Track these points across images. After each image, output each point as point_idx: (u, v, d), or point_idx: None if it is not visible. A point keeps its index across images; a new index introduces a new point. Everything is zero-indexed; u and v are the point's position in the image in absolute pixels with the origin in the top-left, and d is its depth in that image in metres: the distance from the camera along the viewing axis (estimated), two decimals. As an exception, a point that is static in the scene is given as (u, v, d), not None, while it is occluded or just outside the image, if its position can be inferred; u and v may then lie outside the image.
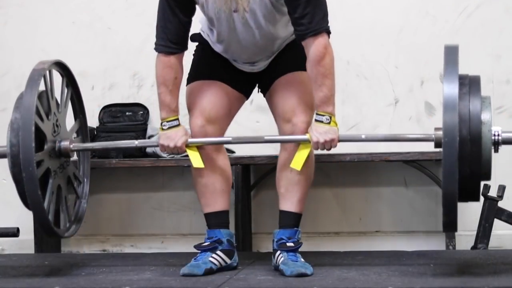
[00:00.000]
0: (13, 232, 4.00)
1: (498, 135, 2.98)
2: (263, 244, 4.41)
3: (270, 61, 3.41)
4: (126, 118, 4.54)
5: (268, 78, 3.42)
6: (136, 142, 3.53)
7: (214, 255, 3.31)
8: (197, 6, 3.28)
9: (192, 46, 3.43)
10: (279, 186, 3.38)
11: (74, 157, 3.48)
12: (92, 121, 4.52)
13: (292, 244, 3.29)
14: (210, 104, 3.35)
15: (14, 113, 3.20)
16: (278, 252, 3.29)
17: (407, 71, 4.43)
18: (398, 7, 4.45)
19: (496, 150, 3.00)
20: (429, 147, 4.29)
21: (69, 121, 3.48)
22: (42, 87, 3.21)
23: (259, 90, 3.50)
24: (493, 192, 4.00)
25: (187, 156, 4.27)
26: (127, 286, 3.03)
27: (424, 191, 4.39)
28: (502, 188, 3.99)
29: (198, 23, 3.42)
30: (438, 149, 4.14)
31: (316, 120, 3.23)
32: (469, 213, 4.29)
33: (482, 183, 4.03)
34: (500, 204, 4.01)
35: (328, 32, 3.19)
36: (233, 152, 4.32)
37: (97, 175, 4.54)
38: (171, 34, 3.26)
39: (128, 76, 4.63)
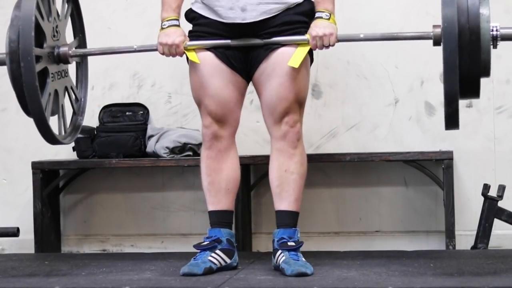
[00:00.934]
0: (13, 232, 4.01)
1: (497, 30, 2.97)
2: (263, 244, 4.41)
3: (263, 19, 3.30)
4: (126, 118, 4.54)
5: (261, 56, 3.32)
6: (134, 46, 3.47)
7: (213, 254, 3.31)
8: None
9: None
10: (273, 186, 3.37)
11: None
12: (92, 121, 4.52)
13: (293, 244, 3.29)
14: (215, 102, 3.33)
15: (14, 12, 3.14)
16: (279, 251, 3.29)
17: (407, 71, 4.43)
18: (398, 7, 4.45)
19: (495, 46, 2.99)
20: (429, 147, 4.30)
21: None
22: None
23: (249, 71, 3.39)
24: (493, 192, 4.00)
25: (187, 156, 4.30)
26: (127, 286, 3.03)
27: (424, 191, 4.39)
28: (502, 188, 3.99)
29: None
30: (438, 149, 4.18)
31: (316, 17, 3.25)
32: (469, 213, 4.29)
33: (483, 181, 4.06)
34: (500, 204, 4.01)
35: None
36: (233, 152, 4.32)
37: (97, 175, 4.54)
38: None
39: (128, 76, 4.62)
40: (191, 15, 3.41)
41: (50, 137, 3.20)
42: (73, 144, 4.24)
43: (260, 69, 3.33)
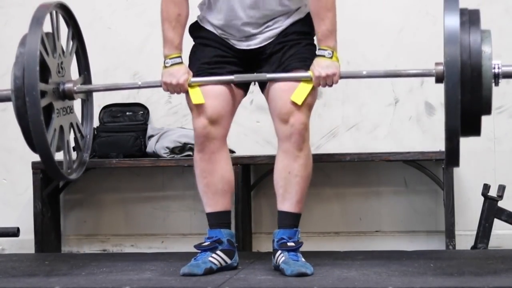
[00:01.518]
0: (14, 232, 4.01)
1: (499, 67, 2.99)
2: (263, 244, 4.41)
3: (267, 44, 3.36)
4: (126, 118, 4.54)
5: (266, 71, 3.38)
6: (139, 83, 3.49)
7: (214, 255, 3.31)
8: None
9: (189, 43, 3.43)
10: (277, 187, 3.37)
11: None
12: (92, 121, 4.52)
13: (293, 244, 3.29)
14: (211, 105, 3.34)
15: (18, 49, 3.16)
16: (279, 251, 3.29)
17: (407, 71, 4.43)
18: (398, 7, 4.45)
19: (497, 83, 3.00)
20: (429, 147, 4.30)
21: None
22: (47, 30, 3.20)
23: (259, 84, 3.46)
24: (493, 192, 4.00)
25: (187, 156, 4.30)
26: (127, 286, 3.04)
27: (424, 191, 4.39)
28: (502, 188, 3.99)
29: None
30: (438, 149, 4.18)
31: (318, 55, 3.23)
32: (469, 213, 4.29)
33: (483, 181, 4.06)
34: (500, 204, 4.01)
35: None
36: (233, 152, 4.32)
37: (97, 175, 4.54)
38: None
39: (128, 76, 4.62)
40: (195, 28, 3.45)
41: (56, 173, 3.20)
42: (73, 144, 4.24)
43: (268, 88, 3.39)
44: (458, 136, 2.89)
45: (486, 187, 3.99)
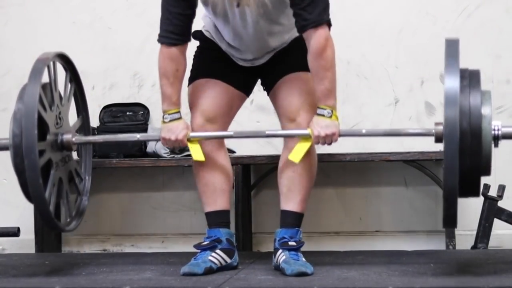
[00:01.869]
0: (14, 232, 4.01)
1: (498, 129, 2.99)
2: (263, 244, 4.41)
3: (271, 57, 3.40)
4: (126, 118, 4.54)
5: (272, 76, 3.41)
6: (138, 136, 3.51)
7: (213, 254, 3.31)
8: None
9: (193, 46, 3.43)
10: (281, 186, 3.37)
11: (76, 157, 3.48)
12: (93, 121, 4.49)
13: (294, 243, 3.29)
14: (210, 103, 3.35)
15: (17, 104, 3.18)
16: (280, 251, 3.29)
17: (407, 71, 4.44)
18: (398, 7, 4.46)
19: (496, 145, 3.01)
20: (429, 147, 4.30)
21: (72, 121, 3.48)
22: (45, 79, 3.19)
23: (264, 88, 3.50)
24: (493, 192, 4.00)
25: (187, 156, 4.30)
26: (128, 286, 3.03)
27: (424, 191, 4.39)
28: (502, 188, 3.99)
29: (200, 21, 3.43)
30: (438, 149, 4.18)
31: (317, 114, 3.22)
32: (469, 213, 4.29)
33: (483, 181, 4.06)
34: (500, 204, 4.01)
35: (329, 24, 3.18)
36: (233, 152, 4.33)
37: (97, 175, 4.54)
38: (173, 25, 3.24)
39: (129, 76, 4.63)
40: (199, 37, 3.46)
41: (54, 227, 3.24)
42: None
43: (273, 89, 3.42)
44: (456, 203, 2.89)
45: (486, 187, 3.99)
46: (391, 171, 4.41)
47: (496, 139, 2.99)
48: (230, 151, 4.30)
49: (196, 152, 3.29)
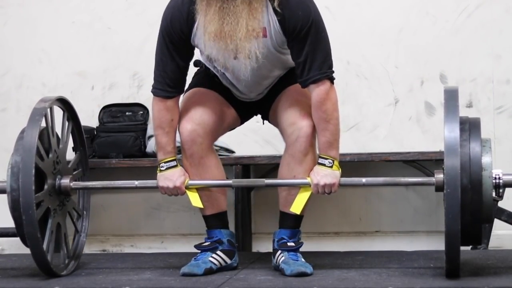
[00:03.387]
0: (13, 232, 3.99)
1: (499, 178, 3.00)
2: (263, 244, 4.41)
3: (268, 91, 3.42)
4: (126, 118, 4.54)
5: (267, 104, 3.43)
6: (136, 183, 3.49)
7: (214, 255, 3.31)
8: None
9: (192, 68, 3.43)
10: (281, 189, 3.36)
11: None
12: (92, 121, 4.52)
13: (293, 244, 3.29)
14: (200, 109, 3.32)
15: (14, 155, 3.21)
16: (279, 251, 3.29)
17: (407, 71, 4.43)
18: (398, 7, 4.45)
19: (497, 194, 3.02)
20: (429, 147, 4.30)
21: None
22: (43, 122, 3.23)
23: (263, 120, 3.53)
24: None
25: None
26: (127, 286, 3.04)
27: (424, 191, 4.39)
28: (502, 188, 3.99)
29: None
30: (438, 149, 4.18)
31: (318, 163, 3.23)
32: (469, 213, 4.29)
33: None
34: (500, 204, 4.00)
35: (330, 79, 3.19)
36: (233, 152, 4.32)
37: (97, 175, 4.54)
38: (169, 78, 3.24)
39: (128, 76, 4.63)
40: (200, 65, 3.47)
41: (53, 275, 3.27)
42: (72, 144, 4.25)
43: (271, 110, 3.44)
44: (458, 256, 2.92)
45: (486, 187, 3.99)
46: (391, 171, 4.40)
47: (497, 187, 3.01)
48: (230, 151, 4.30)
49: (194, 199, 3.31)
